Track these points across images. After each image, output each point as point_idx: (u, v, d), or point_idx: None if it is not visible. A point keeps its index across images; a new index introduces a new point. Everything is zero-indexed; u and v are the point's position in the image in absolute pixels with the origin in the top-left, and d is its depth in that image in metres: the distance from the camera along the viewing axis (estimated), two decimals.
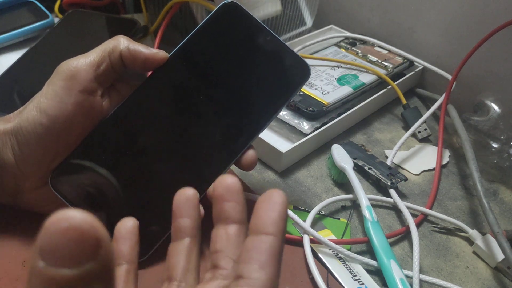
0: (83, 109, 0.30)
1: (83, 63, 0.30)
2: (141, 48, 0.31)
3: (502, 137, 0.45)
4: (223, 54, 0.34)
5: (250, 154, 0.33)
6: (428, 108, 0.51)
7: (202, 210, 0.32)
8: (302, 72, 0.34)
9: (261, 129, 0.33)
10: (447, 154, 0.48)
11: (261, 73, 0.34)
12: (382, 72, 0.53)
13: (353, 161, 0.42)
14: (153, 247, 0.32)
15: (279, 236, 0.20)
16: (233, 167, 0.35)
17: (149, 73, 0.34)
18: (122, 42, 0.31)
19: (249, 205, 0.37)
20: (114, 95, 0.32)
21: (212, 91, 0.33)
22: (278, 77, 0.34)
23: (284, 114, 0.46)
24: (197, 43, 0.34)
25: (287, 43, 0.57)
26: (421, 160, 0.47)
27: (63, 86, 0.29)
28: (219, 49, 0.34)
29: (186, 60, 0.33)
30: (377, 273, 0.34)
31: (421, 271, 0.35)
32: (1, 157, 0.30)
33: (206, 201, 0.32)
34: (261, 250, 0.19)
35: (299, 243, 0.35)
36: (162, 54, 0.32)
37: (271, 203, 0.20)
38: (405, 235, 0.38)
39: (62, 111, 0.29)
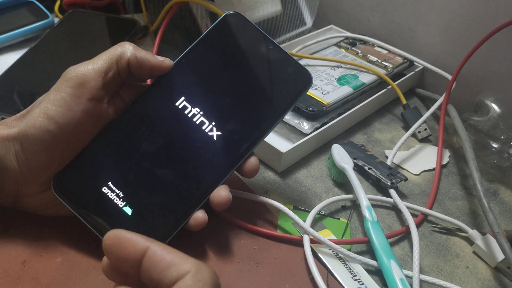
0: (91, 117, 0.30)
1: (91, 70, 0.30)
2: (148, 57, 0.31)
3: (502, 137, 0.45)
4: (225, 62, 0.34)
5: (252, 161, 0.34)
6: (428, 108, 0.51)
7: (205, 215, 0.32)
8: (303, 80, 0.35)
9: (262, 136, 0.34)
10: (447, 154, 0.48)
11: (263, 82, 0.35)
12: (382, 72, 0.53)
13: (353, 161, 0.42)
14: None
15: None
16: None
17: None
18: (129, 50, 0.31)
19: (249, 205, 0.38)
20: (117, 100, 0.33)
21: (215, 99, 0.34)
22: (280, 86, 0.35)
23: None
24: (200, 51, 0.34)
25: (287, 43, 0.57)
26: (421, 160, 0.47)
27: (71, 93, 0.29)
28: (221, 57, 0.34)
29: (190, 68, 0.34)
30: (377, 273, 0.34)
31: (421, 271, 0.35)
32: (4, 163, 0.29)
33: (209, 206, 0.32)
34: None
35: (299, 243, 0.35)
36: (168, 62, 0.33)
37: None
38: (405, 235, 0.38)
39: (70, 118, 0.29)
